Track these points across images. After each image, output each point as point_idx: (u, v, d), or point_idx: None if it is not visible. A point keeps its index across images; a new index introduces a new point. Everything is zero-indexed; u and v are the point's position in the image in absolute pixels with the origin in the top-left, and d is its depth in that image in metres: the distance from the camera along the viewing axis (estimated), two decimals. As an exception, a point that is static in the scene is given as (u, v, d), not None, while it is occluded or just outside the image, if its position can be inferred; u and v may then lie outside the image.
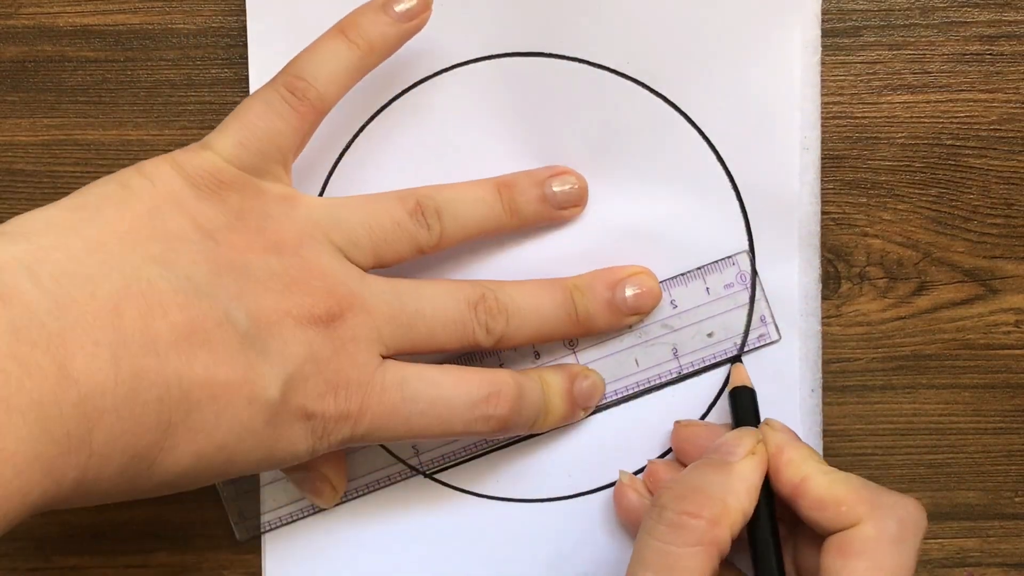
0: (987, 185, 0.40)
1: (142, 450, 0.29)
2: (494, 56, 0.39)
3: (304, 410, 0.33)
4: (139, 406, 0.29)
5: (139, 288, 0.30)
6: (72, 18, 0.40)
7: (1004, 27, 0.39)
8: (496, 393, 0.36)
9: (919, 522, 0.33)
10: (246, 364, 0.31)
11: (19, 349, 0.27)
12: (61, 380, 0.28)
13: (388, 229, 0.35)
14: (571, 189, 0.39)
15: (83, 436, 0.28)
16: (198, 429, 0.30)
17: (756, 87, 0.39)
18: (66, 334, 0.28)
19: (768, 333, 0.39)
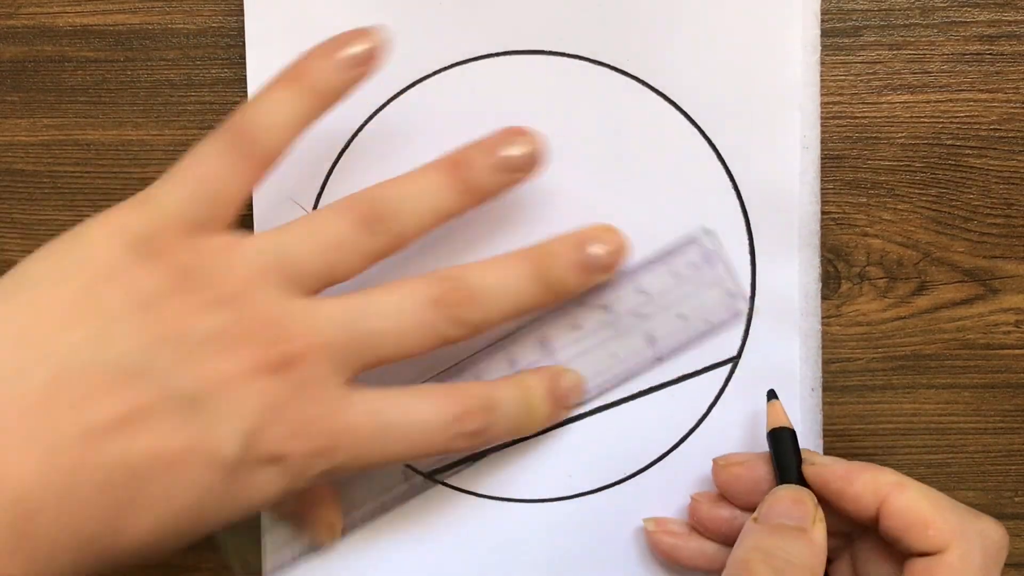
0: (987, 185, 0.40)
1: (92, 535, 0.29)
2: (493, 55, 0.39)
3: (271, 455, 0.32)
4: (79, 498, 0.29)
5: (71, 376, 0.30)
6: (72, 18, 0.40)
7: (1004, 27, 0.39)
8: (468, 410, 0.35)
9: (1003, 548, 0.33)
10: (196, 429, 0.31)
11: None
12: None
13: (334, 247, 0.34)
14: (526, 152, 0.36)
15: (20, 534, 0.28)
16: (153, 501, 0.30)
17: (756, 86, 0.39)
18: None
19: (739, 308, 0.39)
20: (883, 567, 0.35)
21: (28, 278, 0.32)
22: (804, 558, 0.33)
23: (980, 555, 0.33)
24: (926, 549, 0.33)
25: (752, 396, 0.39)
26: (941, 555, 0.33)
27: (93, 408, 0.29)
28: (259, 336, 0.33)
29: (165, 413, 0.30)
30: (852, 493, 0.34)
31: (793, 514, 0.34)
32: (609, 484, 0.40)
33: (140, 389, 0.30)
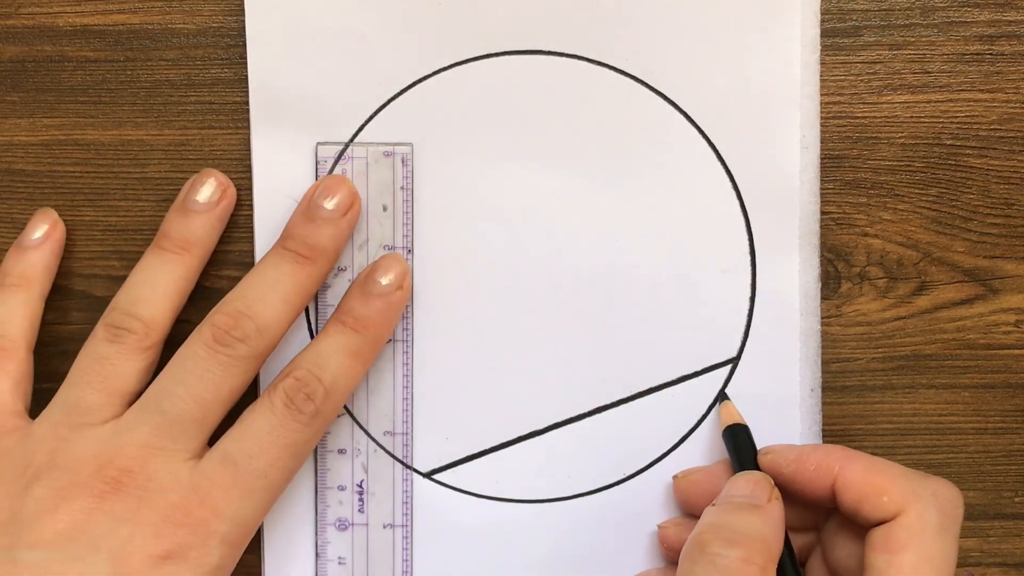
0: (987, 185, 0.40)
1: None
2: (493, 55, 0.39)
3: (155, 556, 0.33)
4: None
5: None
6: (72, 18, 0.40)
7: (1004, 27, 0.39)
8: (293, 391, 0.36)
9: (958, 506, 0.33)
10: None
11: None
12: None
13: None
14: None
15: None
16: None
17: (756, 86, 0.39)
18: None
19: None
20: (851, 548, 0.35)
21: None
22: (756, 529, 0.33)
23: (936, 513, 0.33)
24: (883, 516, 0.33)
25: (752, 396, 0.39)
26: (898, 519, 0.33)
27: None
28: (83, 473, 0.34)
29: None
30: (806, 474, 0.35)
31: (748, 493, 0.34)
32: (609, 484, 0.40)
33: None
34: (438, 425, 0.40)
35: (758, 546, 0.32)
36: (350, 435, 0.40)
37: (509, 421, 0.40)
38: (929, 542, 0.32)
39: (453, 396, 0.40)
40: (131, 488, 0.34)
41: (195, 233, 0.37)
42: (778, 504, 0.34)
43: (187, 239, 0.37)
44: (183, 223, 0.37)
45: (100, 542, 0.33)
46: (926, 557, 0.32)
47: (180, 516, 0.34)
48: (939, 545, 0.32)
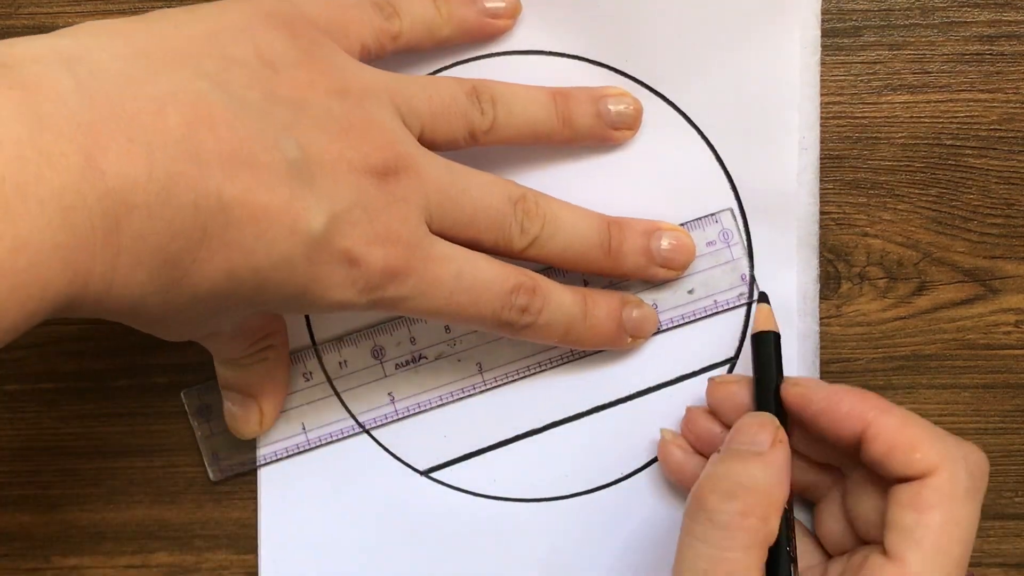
0: (987, 185, 0.40)
1: (174, 255, 0.28)
2: (493, 54, 0.39)
3: (349, 254, 0.32)
4: (172, 208, 0.28)
5: (187, 98, 0.29)
6: (72, 18, 0.40)
7: (1004, 27, 0.39)
8: (520, 284, 0.35)
9: (986, 473, 0.33)
10: (291, 193, 0.30)
11: (42, 137, 0.26)
12: (87, 171, 0.26)
13: (446, 103, 0.35)
14: (626, 109, 0.38)
15: (109, 230, 0.27)
16: (234, 246, 0.29)
17: (755, 87, 0.39)
18: (97, 125, 0.27)
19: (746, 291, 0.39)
20: (873, 502, 0.34)
21: (154, 13, 0.32)
22: (756, 480, 0.32)
23: (967, 477, 0.32)
24: (912, 473, 0.32)
25: (751, 396, 0.39)
26: (928, 478, 0.32)
27: (203, 133, 0.29)
28: (372, 136, 0.33)
29: (269, 166, 0.30)
30: (835, 416, 0.34)
31: (752, 439, 0.34)
32: (607, 483, 0.40)
33: (252, 132, 0.30)
34: (436, 423, 0.40)
35: (757, 497, 0.32)
36: (349, 434, 0.40)
37: (506, 420, 0.40)
38: (958, 505, 0.32)
39: (451, 394, 0.40)
40: (389, 189, 0.33)
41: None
42: (782, 448, 0.33)
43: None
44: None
45: (333, 193, 0.31)
46: (954, 520, 0.32)
47: (395, 246, 0.33)
48: (967, 509, 0.32)
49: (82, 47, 0.28)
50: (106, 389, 0.41)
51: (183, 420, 0.41)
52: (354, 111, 0.33)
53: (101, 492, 0.41)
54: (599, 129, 0.38)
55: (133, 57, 0.29)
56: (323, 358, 0.40)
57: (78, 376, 0.41)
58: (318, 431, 0.40)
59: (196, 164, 0.28)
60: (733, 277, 0.39)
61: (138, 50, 0.29)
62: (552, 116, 0.37)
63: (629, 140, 0.39)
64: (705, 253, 0.39)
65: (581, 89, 0.38)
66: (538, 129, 0.37)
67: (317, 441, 0.40)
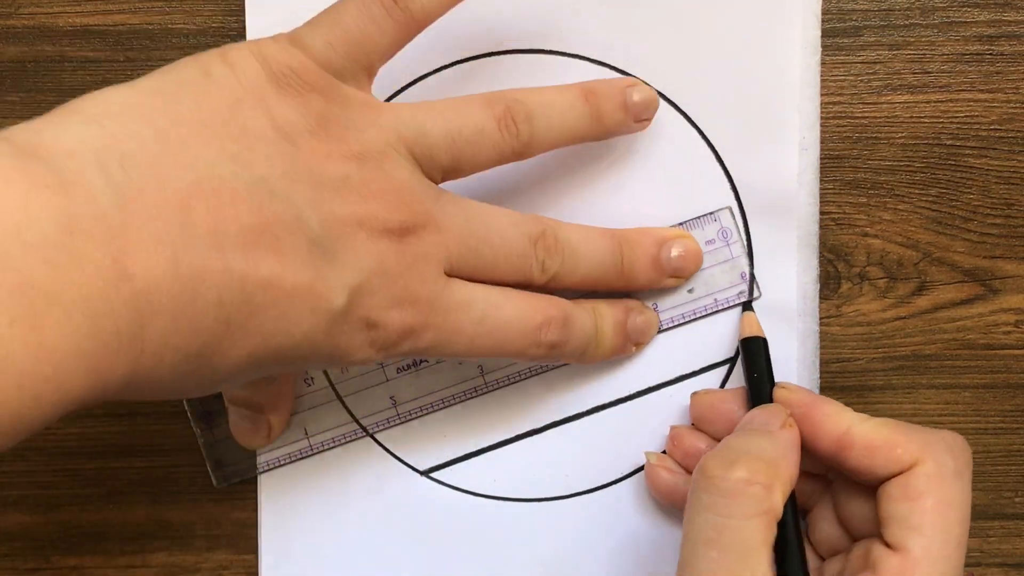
0: (987, 185, 0.40)
1: (196, 350, 0.28)
2: (493, 54, 0.39)
3: (367, 320, 0.32)
4: (197, 306, 0.28)
5: (211, 185, 0.29)
6: (72, 18, 0.40)
7: (1004, 27, 0.39)
8: (550, 320, 0.35)
9: (967, 453, 0.33)
10: (314, 272, 0.30)
11: (73, 242, 0.26)
12: (115, 276, 0.26)
13: (471, 140, 0.34)
14: (647, 98, 0.38)
15: (134, 334, 0.27)
16: (256, 333, 0.30)
17: (755, 87, 0.39)
18: (128, 228, 0.27)
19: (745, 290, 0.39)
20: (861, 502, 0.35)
21: (172, 81, 0.31)
22: (761, 449, 0.33)
23: (951, 460, 0.33)
24: (898, 468, 0.33)
25: (751, 396, 0.39)
26: (915, 468, 0.33)
27: (227, 221, 0.29)
28: (390, 199, 0.32)
29: (291, 245, 0.30)
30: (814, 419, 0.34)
31: (761, 422, 0.34)
32: (607, 483, 0.40)
33: (275, 213, 0.30)
34: (436, 424, 0.40)
35: (761, 465, 0.32)
36: (352, 439, 0.40)
37: (507, 420, 0.40)
38: (948, 486, 0.32)
39: (453, 397, 0.40)
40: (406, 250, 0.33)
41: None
42: (791, 431, 0.34)
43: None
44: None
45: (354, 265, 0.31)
46: (947, 500, 0.32)
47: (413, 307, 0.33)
48: (957, 488, 0.32)
49: (110, 137, 0.28)
50: (106, 389, 0.41)
51: (183, 420, 0.41)
52: (373, 175, 0.32)
53: (101, 492, 0.41)
54: (626, 123, 0.38)
55: (158, 143, 0.29)
56: (324, 360, 0.40)
57: (78, 376, 0.41)
58: (321, 436, 0.40)
59: (220, 254, 0.28)
60: (733, 275, 0.39)
61: (162, 133, 0.29)
62: (587, 118, 0.37)
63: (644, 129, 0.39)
64: (705, 252, 0.39)
65: (604, 82, 0.38)
66: (575, 134, 0.37)
67: (320, 446, 0.40)
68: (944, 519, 0.32)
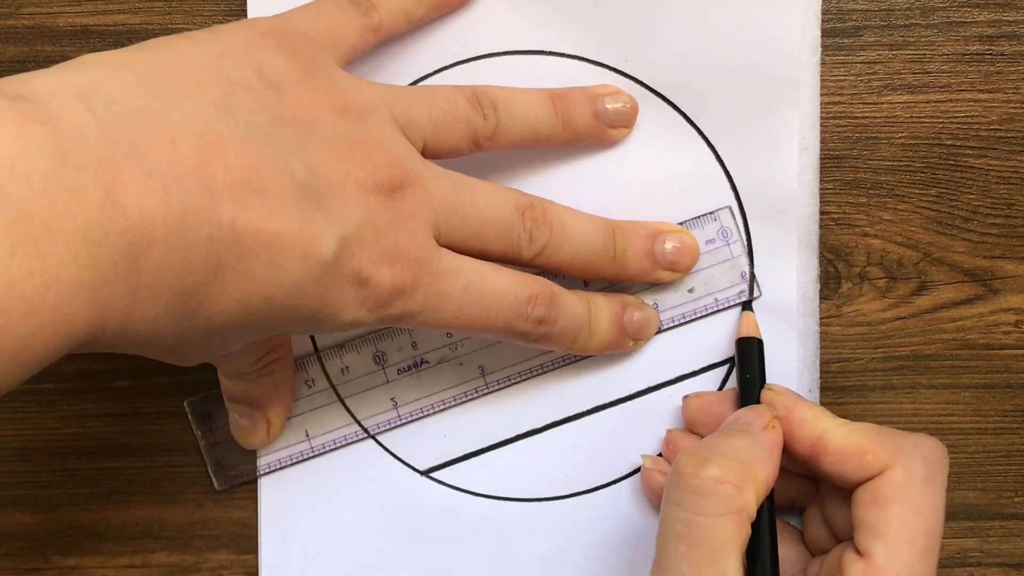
0: (987, 185, 0.40)
1: (189, 288, 0.28)
2: (493, 54, 0.39)
3: (358, 275, 0.32)
4: (189, 242, 0.28)
5: (196, 127, 0.29)
6: (72, 18, 0.40)
7: (1004, 27, 0.39)
8: (537, 294, 0.35)
9: (942, 459, 0.34)
10: (302, 218, 0.30)
11: (66, 173, 0.26)
12: (109, 207, 0.26)
13: (447, 111, 0.35)
14: (623, 107, 0.38)
15: (130, 266, 0.27)
16: (247, 276, 0.30)
17: (755, 87, 0.39)
18: (117, 161, 0.27)
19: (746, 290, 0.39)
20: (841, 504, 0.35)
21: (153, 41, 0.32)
22: (736, 449, 0.33)
23: (922, 466, 0.33)
24: (869, 474, 0.33)
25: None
26: (884, 474, 0.33)
27: (214, 162, 0.29)
28: (377, 153, 0.33)
29: (278, 190, 0.30)
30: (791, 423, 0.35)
31: (744, 423, 0.34)
32: (606, 483, 0.40)
33: (261, 158, 0.30)
34: (436, 424, 0.40)
35: (734, 465, 0.32)
36: (352, 440, 0.40)
37: (507, 419, 0.40)
38: (915, 493, 0.33)
39: (454, 398, 0.40)
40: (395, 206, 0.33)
41: None
42: (772, 432, 0.34)
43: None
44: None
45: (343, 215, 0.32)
46: (913, 508, 0.32)
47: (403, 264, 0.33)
48: (925, 495, 0.33)
49: (93, 79, 0.29)
50: (106, 389, 0.41)
51: (183, 420, 0.41)
52: (358, 128, 0.33)
53: (101, 492, 0.41)
54: (597, 129, 0.38)
55: (142, 87, 0.29)
56: (326, 365, 0.40)
57: (78, 376, 0.41)
58: (322, 438, 0.40)
59: (209, 195, 0.28)
60: (733, 275, 0.39)
61: (146, 79, 0.30)
62: (552, 118, 0.37)
63: (625, 138, 0.39)
64: (705, 251, 0.39)
65: (577, 89, 0.38)
66: (539, 132, 0.37)
67: (321, 448, 0.40)
68: (910, 527, 0.32)
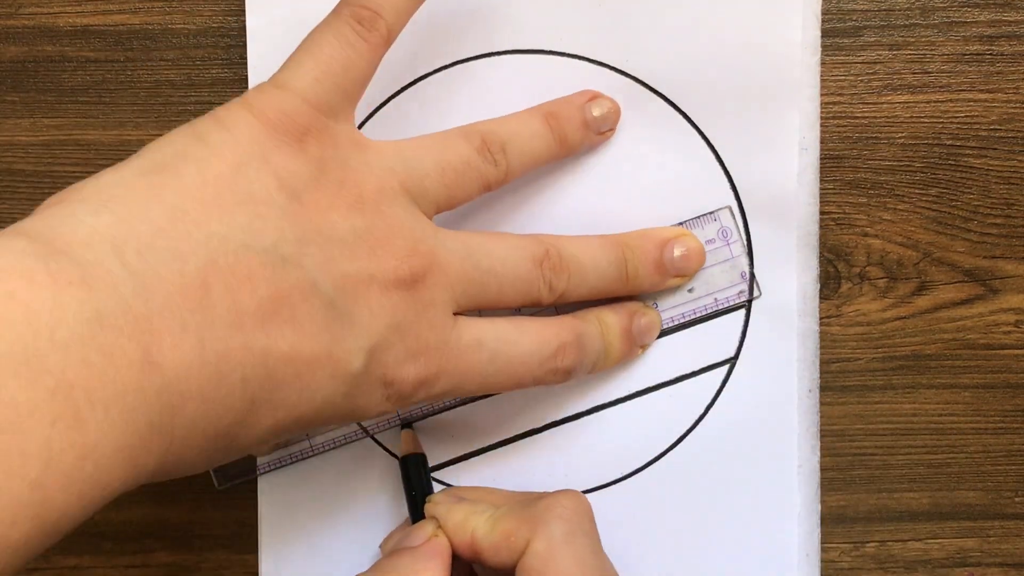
0: (987, 185, 0.40)
1: (224, 430, 0.29)
2: (493, 54, 0.39)
3: (384, 378, 0.32)
4: (223, 389, 0.28)
5: (226, 262, 0.29)
6: (72, 18, 0.40)
7: (1004, 27, 0.39)
8: (564, 346, 0.35)
9: (579, 508, 0.35)
10: (331, 338, 0.30)
11: (104, 336, 0.26)
12: (145, 367, 0.26)
13: (458, 170, 0.35)
14: (608, 111, 0.39)
15: (165, 424, 0.27)
16: (280, 406, 0.30)
17: (755, 87, 0.39)
18: (153, 318, 0.27)
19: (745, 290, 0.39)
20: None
21: (170, 154, 0.30)
22: (398, 569, 0.34)
23: (560, 526, 0.34)
24: (518, 555, 0.34)
25: (750, 397, 0.39)
26: (528, 548, 0.33)
27: (245, 297, 0.29)
28: (396, 245, 0.32)
29: (308, 313, 0.30)
30: (448, 534, 0.35)
31: (404, 542, 0.35)
32: (607, 483, 0.40)
33: (290, 283, 0.30)
34: (436, 424, 0.40)
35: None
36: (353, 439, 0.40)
37: (508, 419, 0.40)
38: (559, 555, 0.33)
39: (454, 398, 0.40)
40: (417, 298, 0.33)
41: None
42: (435, 541, 0.35)
43: None
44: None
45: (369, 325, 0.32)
46: (562, 570, 0.33)
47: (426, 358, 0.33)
48: (570, 552, 0.33)
49: (123, 223, 0.28)
50: (106, 389, 0.41)
51: (183, 420, 0.41)
52: (375, 223, 0.32)
53: (101, 492, 0.41)
54: (588, 137, 0.39)
55: (171, 224, 0.29)
56: (323, 359, 0.40)
57: (78, 376, 0.41)
58: (322, 437, 0.40)
59: (240, 333, 0.28)
60: (733, 275, 0.39)
61: (174, 213, 0.29)
62: (552, 142, 0.37)
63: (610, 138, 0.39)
64: (705, 251, 0.39)
65: (564, 102, 0.38)
66: (541, 159, 0.37)
67: (321, 447, 0.40)
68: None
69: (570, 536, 0.34)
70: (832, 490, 0.41)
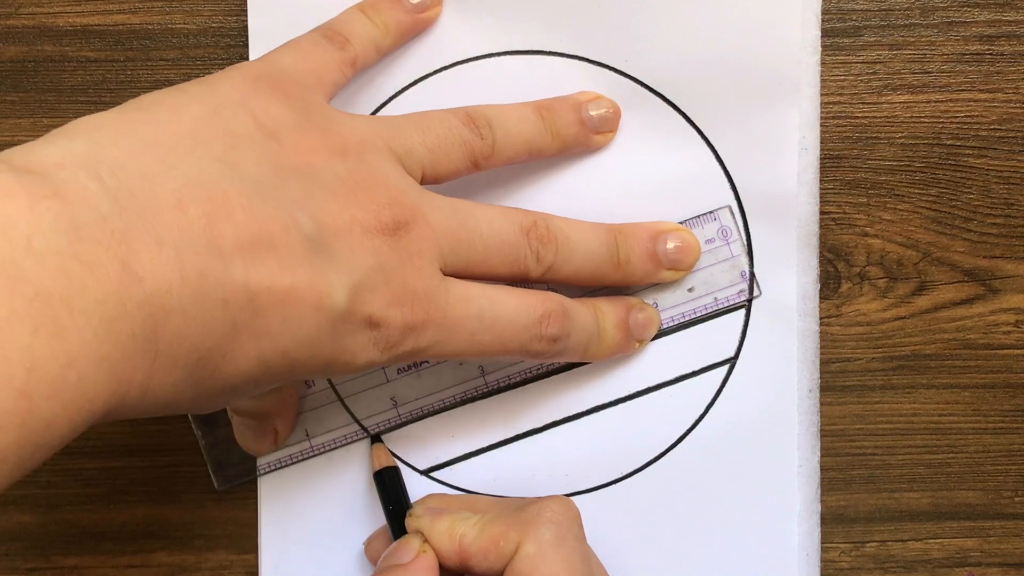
0: (987, 185, 0.40)
1: (206, 353, 0.28)
2: (494, 54, 0.39)
3: (370, 319, 0.32)
4: (204, 307, 0.28)
5: (202, 187, 0.29)
6: (72, 18, 0.40)
7: (1004, 27, 0.39)
8: (550, 312, 0.35)
9: (569, 515, 0.35)
10: (312, 270, 0.30)
11: (81, 247, 0.26)
12: (125, 279, 0.26)
13: (442, 136, 0.35)
14: (606, 113, 0.39)
15: (148, 336, 0.27)
16: (263, 334, 0.30)
17: (755, 87, 0.39)
18: (129, 231, 0.27)
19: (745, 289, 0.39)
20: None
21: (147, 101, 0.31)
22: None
23: (550, 530, 0.34)
24: (508, 559, 0.34)
25: (750, 397, 0.39)
26: (518, 552, 0.34)
27: (222, 222, 0.29)
28: (379, 193, 0.33)
29: (287, 245, 0.30)
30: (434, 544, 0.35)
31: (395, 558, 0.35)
32: (607, 483, 0.40)
33: (268, 214, 0.30)
34: (436, 423, 0.40)
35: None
36: (350, 434, 0.40)
37: (507, 419, 0.40)
38: (548, 558, 0.33)
39: (454, 397, 0.40)
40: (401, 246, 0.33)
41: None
42: (423, 557, 0.35)
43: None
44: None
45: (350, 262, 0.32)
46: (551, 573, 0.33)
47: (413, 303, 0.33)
48: (559, 556, 0.34)
49: (96, 147, 0.28)
50: (106, 389, 0.41)
51: (183, 420, 0.41)
52: (358, 168, 0.33)
53: (102, 492, 0.41)
54: (584, 136, 0.39)
55: (144, 150, 0.29)
56: (324, 359, 0.40)
57: (78, 376, 0.41)
58: (322, 437, 0.40)
59: (220, 257, 0.28)
60: (733, 274, 0.39)
61: (147, 141, 0.29)
62: (542, 131, 0.38)
63: (610, 142, 0.39)
64: (705, 251, 0.39)
65: (561, 99, 0.39)
66: (532, 146, 0.37)
67: (321, 448, 0.40)
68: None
69: (560, 540, 0.34)
70: (832, 490, 0.41)
